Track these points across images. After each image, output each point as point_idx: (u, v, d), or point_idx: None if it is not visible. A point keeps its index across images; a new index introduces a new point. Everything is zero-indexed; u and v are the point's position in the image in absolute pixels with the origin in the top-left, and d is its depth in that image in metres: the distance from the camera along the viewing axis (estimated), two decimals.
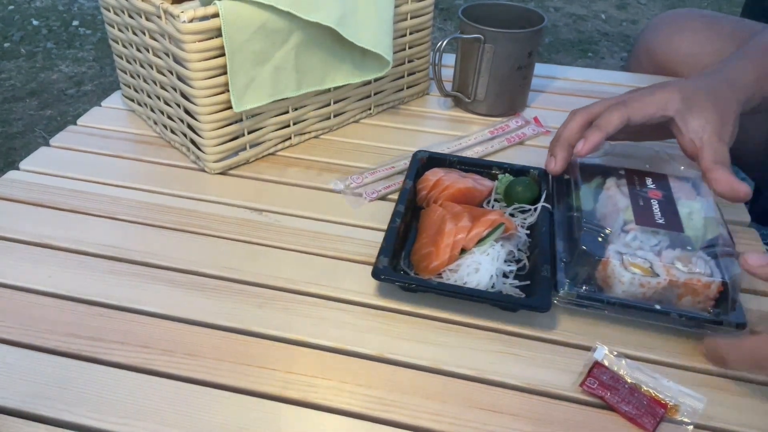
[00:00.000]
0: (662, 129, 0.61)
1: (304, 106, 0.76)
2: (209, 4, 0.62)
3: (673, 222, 0.55)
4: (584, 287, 0.54)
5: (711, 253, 0.53)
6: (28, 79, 2.21)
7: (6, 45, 2.44)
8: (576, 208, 0.59)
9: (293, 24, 0.66)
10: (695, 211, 0.56)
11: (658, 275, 0.51)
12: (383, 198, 0.69)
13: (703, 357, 0.51)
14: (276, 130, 0.75)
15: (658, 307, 0.52)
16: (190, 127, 0.70)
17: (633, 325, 0.54)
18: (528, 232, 0.62)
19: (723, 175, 0.56)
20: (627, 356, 0.50)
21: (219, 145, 0.70)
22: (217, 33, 0.63)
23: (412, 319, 0.55)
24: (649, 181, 0.60)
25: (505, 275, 0.57)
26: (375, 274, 0.54)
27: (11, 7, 2.76)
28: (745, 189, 0.56)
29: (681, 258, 0.52)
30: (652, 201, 0.57)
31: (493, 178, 0.68)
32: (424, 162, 0.69)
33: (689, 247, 0.53)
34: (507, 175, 0.68)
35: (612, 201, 0.58)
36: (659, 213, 0.56)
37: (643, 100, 0.60)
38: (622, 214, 0.56)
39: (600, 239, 0.54)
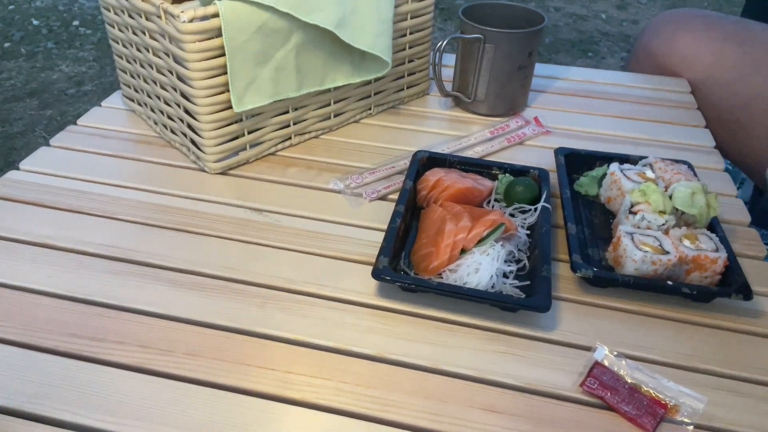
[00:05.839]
0: None
1: (304, 106, 0.76)
2: (209, 4, 0.62)
3: None
4: (597, 269, 0.57)
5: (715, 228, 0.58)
6: (28, 79, 2.21)
7: (6, 45, 2.44)
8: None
9: (293, 24, 0.66)
10: (697, 191, 0.60)
11: (668, 252, 0.55)
12: (383, 198, 0.69)
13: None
14: (276, 130, 0.75)
15: (670, 283, 0.55)
16: (190, 127, 0.70)
17: (633, 324, 0.54)
18: (528, 232, 0.62)
19: None
20: (627, 356, 0.50)
21: (219, 145, 0.70)
22: (217, 33, 0.63)
23: (412, 319, 0.54)
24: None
25: (505, 275, 0.57)
26: (375, 275, 0.54)
27: (11, 7, 2.76)
28: None
29: (687, 236, 0.56)
30: None
31: (493, 178, 0.68)
32: (424, 162, 0.69)
33: (694, 226, 0.57)
34: (507, 175, 0.68)
35: (617, 185, 0.64)
36: None
37: None
38: (629, 196, 0.60)
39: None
